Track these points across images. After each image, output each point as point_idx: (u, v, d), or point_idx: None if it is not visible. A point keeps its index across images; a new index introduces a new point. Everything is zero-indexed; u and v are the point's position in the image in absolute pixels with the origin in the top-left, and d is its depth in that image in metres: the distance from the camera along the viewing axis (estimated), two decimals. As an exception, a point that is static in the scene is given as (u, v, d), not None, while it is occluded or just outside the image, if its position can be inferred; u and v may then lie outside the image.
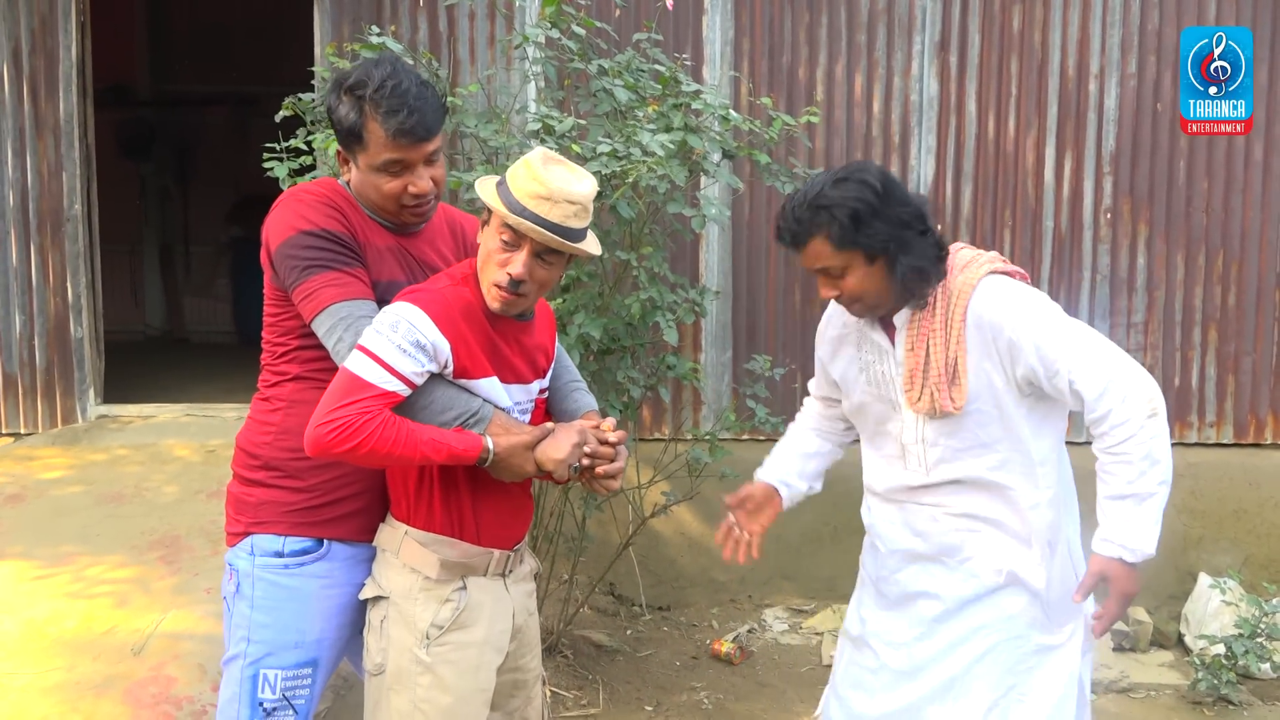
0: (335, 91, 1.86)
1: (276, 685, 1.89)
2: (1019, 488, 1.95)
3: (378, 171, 1.84)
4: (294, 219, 1.82)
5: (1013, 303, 1.91)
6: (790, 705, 3.47)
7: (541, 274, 1.79)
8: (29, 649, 2.85)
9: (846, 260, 1.90)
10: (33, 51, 4.21)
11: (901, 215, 1.89)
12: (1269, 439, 4.37)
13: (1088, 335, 1.89)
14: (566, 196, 1.75)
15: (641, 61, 3.11)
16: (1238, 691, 3.51)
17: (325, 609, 1.91)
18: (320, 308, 1.78)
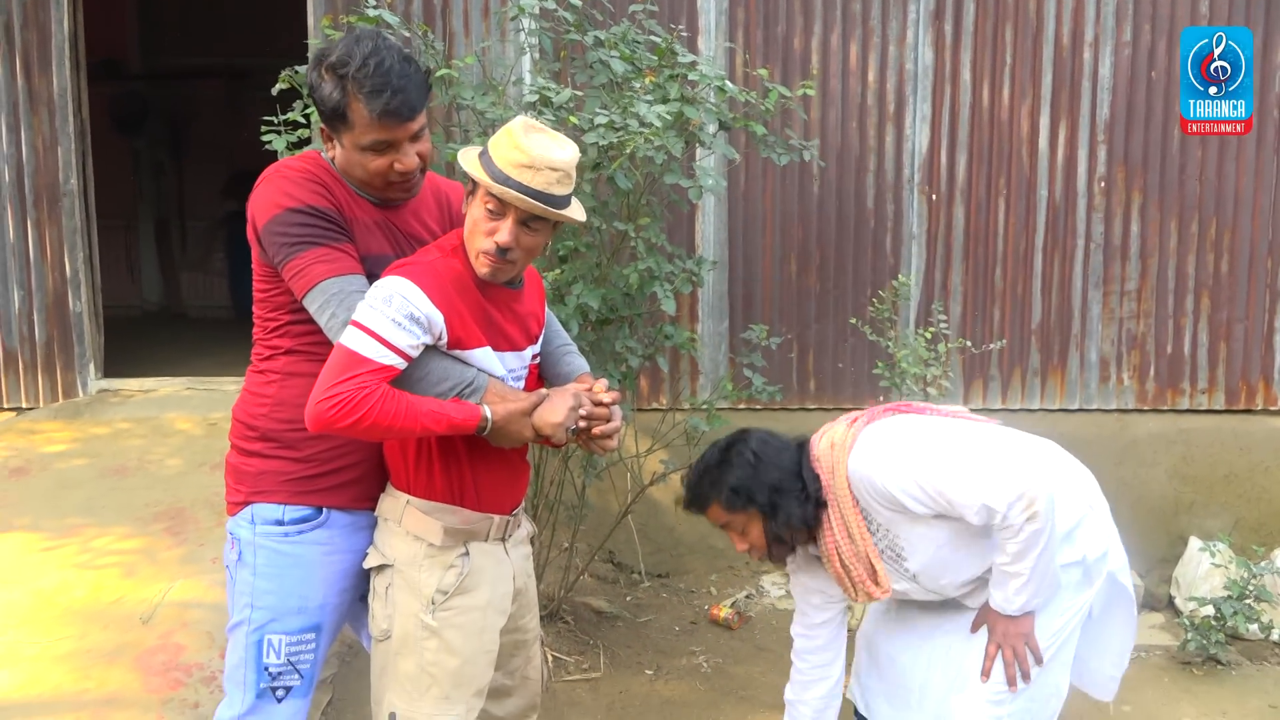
0: (316, 68, 1.84)
1: (281, 650, 1.94)
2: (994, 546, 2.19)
3: (363, 150, 1.84)
4: (279, 196, 1.83)
5: (876, 465, 2.12)
6: (787, 668, 3.52)
7: (527, 240, 1.82)
8: (39, 618, 2.90)
9: (741, 520, 2.18)
10: (25, 26, 4.19)
11: (773, 474, 2.15)
12: (1260, 405, 4.43)
13: (953, 465, 2.07)
14: (548, 164, 1.77)
15: (637, 33, 3.12)
16: (1226, 652, 3.58)
17: (326, 575, 1.95)
18: (311, 284, 1.80)
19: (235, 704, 1.96)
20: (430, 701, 1.90)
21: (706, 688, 3.38)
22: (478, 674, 1.93)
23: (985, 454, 2.09)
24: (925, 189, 4.30)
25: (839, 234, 4.32)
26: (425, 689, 1.90)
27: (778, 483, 2.14)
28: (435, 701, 1.90)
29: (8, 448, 3.85)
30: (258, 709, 1.94)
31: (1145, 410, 4.43)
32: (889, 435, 2.16)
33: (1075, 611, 2.25)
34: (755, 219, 4.31)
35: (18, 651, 2.77)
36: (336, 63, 1.80)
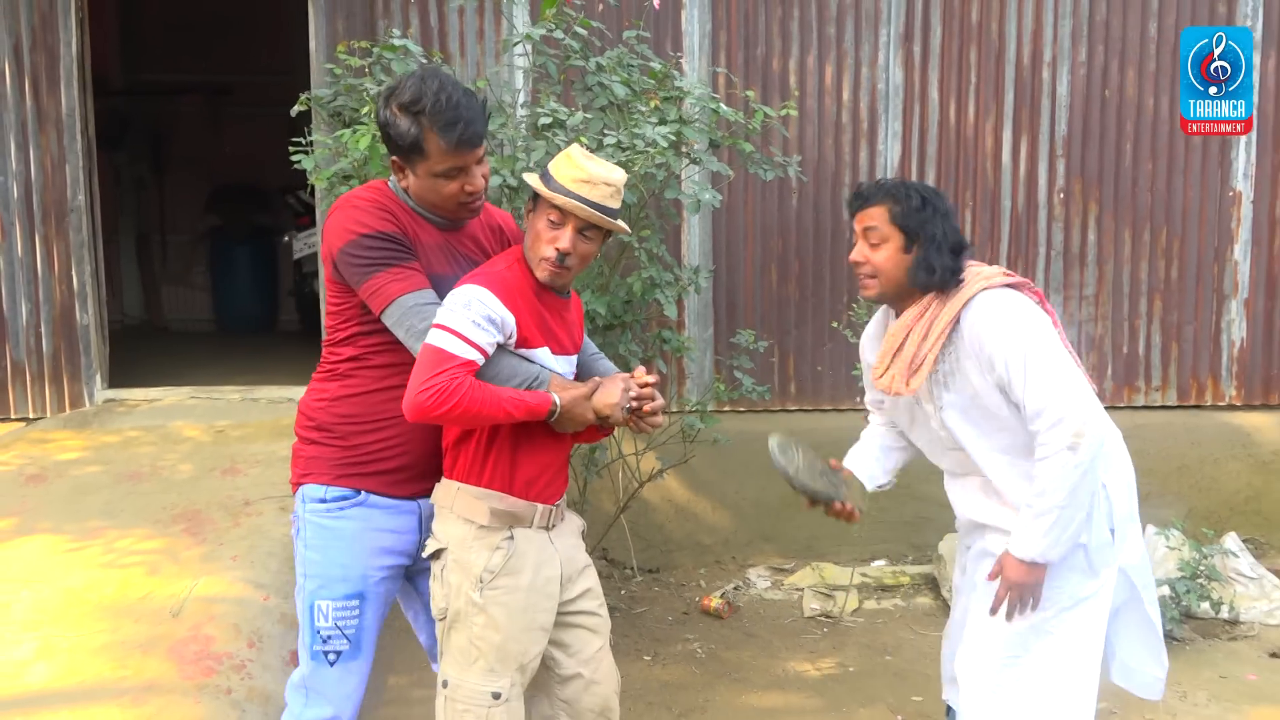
0: (387, 107, 2.04)
1: (329, 615, 2.16)
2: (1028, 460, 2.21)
3: (437, 177, 2.05)
4: (351, 224, 2.05)
5: (995, 320, 2.18)
6: (776, 652, 3.75)
7: (583, 248, 2.07)
8: (71, 614, 3.04)
9: (890, 234, 2.22)
10: (34, 48, 4.33)
11: (951, 232, 2.23)
12: (1209, 401, 4.73)
13: (1049, 363, 2.12)
14: (604, 180, 2.04)
15: (631, 58, 3.34)
16: (1181, 629, 3.85)
17: (364, 548, 2.17)
18: (388, 301, 2.02)
19: (304, 666, 2.19)
20: (477, 672, 2.09)
21: (701, 671, 3.59)
22: (520, 650, 2.12)
23: (1077, 381, 2.14)
24: (897, 201, 4.55)
25: (816, 245, 4.57)
26: (473, 660, 2.10)
27: (948, 235, 2.22)
28: (482, 673, 2.09)
29: (22, 456, 3.97)
30: (315, 672, 2.17)
31: (1105, 407, 4.70)
32: (1024, 310, 2.20)
33: (1087, 601, 2.27)
34: (738, 231, 4.55)
35: (54, 645, 2.91)
36: (410, 101, 2.00)
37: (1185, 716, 3.33)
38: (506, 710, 2.11)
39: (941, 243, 2.22)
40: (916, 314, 2.26)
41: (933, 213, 2.23)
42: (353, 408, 2.12)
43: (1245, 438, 4.67)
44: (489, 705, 2.10)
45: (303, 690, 2.20)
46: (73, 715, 2.68)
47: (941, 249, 2.22)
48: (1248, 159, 4.61)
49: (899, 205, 2.23)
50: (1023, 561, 2.17)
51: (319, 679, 2.16)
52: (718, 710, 3.32)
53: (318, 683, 2.16)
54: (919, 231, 2.22)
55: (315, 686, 2.18)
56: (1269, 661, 3.75)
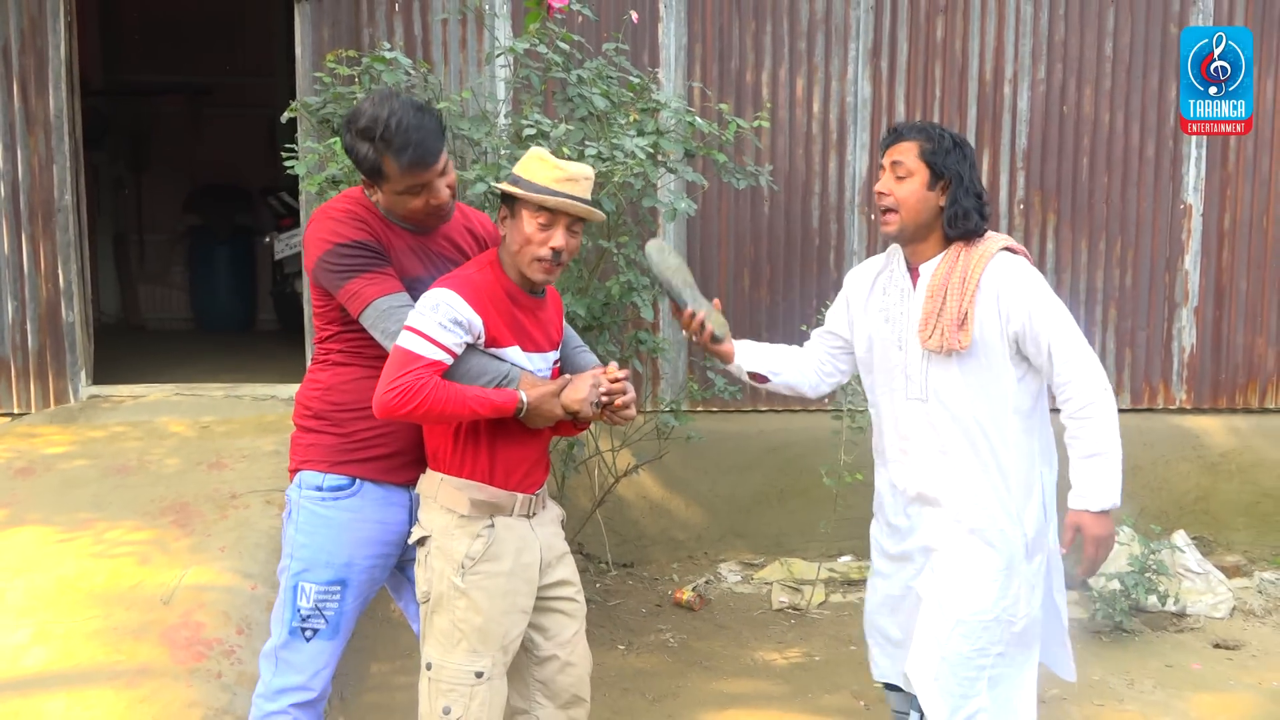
0: (349, 133, 2.18)
1: (311, 596, 2.29)
2: (1000, 427, 2.33)
3: (400, 195, 2.19)
4: (327, 234, 2.21)
5: (1021, 276, 2.32)
6: (746, 642, 3.90)
7: (573, 243, 2.21)
8: (64, 601, 3.14)
9: (917, 168, 2.31)
10: (23, 51, 4.41)
11: (975, 180, 2.33)
12: (1160, 404, 4.94)
13: (1070, 321, 2.31)
14: (584, 174, 2.19)
15: (610, 69, 3.48)
16: (1131, 621, 4.04)
17: (353, 538, 2.29)
18: (364, 305, 2.17)
19: (275, 635, 2.33)
20: (460, 653, 2.22)
21: (673, 660, 3.74)
22: (501, 632, 2.24)
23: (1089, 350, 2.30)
24: (865, 210, 4.74)
25: (787, 251, 4.74)
26: (456, 643, 2.22)
27: (973, 181, 2.30)
28: (465, 654, 2.22)
29: (10, 450, 4.05)
30: (289, 644, 2.30)
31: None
32: (1043, 279, 2.35)
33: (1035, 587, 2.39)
34: (712, 238, 4.70)
35: (49, 630, 3.01)
36: (365, 128, 2.14)
37: (1132, 703, 3.52)
38: (489, 688, 2.24)
39: (969, 186, 2.30)
40: (947, 269, 2.32)
41: (961, 157, 2.31)
42: (346, 395, 2.26)
43: (1195, 440, 4.89)
44: (472, 684, 2.22)
45: (273, 659, 2.32)
46: (69, 697, 2.78)
47: (969, 192, 2.30)
48: (1198, 174, 4.83)
49: (930, 143, 2.31)
50: (1102, 513, 2.25)
51: (292, 651, 2.30)
52: (689, 696, 3.47)
53: (290, 654, 2.30)
54: (945, 170, 2.29)
55: (287, 658, 2.31)
56: (1213, 652, 3.95)
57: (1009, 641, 2.38)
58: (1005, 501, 2.36)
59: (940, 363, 2.35)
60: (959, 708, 2.37)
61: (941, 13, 4.69)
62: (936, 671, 2.38)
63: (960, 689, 2.37)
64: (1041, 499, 2.42)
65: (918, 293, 2.39)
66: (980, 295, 2.30)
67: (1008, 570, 2.36)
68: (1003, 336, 2.31)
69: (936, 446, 2.39)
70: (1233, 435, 4.90)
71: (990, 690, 2.38)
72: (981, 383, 2.33)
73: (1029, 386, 2.37)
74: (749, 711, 3.35)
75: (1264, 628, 4.17)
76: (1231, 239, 4.88)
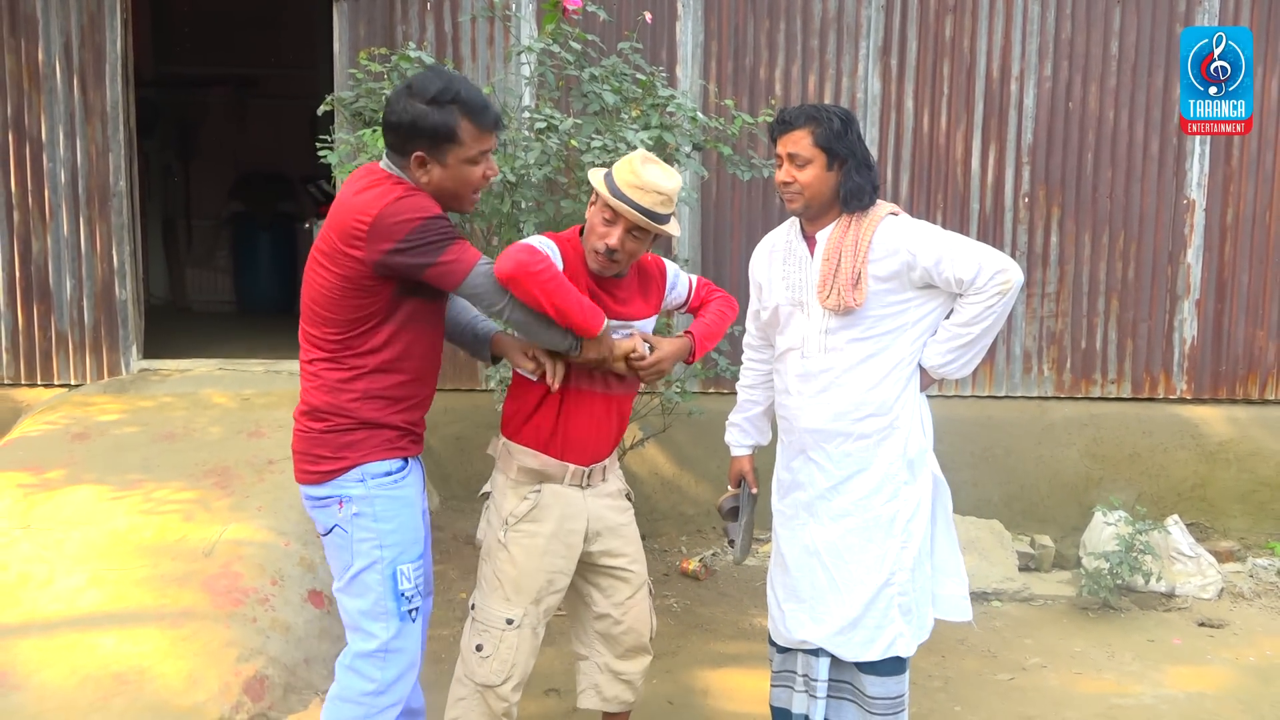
0: (416, 103, 2.13)
1: (411, 576, 2.31)
2: (884, 375, 2.61)
3: (468, 163, 2.20)
4: (413, 211, 2.14)
5: (909, 227, 2.60)
6: (746, 610, 4.13)
7: (631, 245, 2.38)
8: (116, 552, 3.45)
9: (814, 155, 2.52)
10: (82, 45, 4.73)
11: (864, 151, 2.58)
12: (1161, 394, 5.07)
13: (967, 240, 2.59)
14: (655, 188, 2.33)
15: (625, 67, 3.71)
16: (1118, 599, 4.21)
17: (419, 510, 2.40)
18: (469, 266, 2.18)
19: (380, 634, 2.30)
20: (496, 600, 2.47)
21: (676, 623, 3.97)
22: (534, 587, 2.46)
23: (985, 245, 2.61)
24: (872, 202, 4.91)
25: (797, 240, 4.93)
26: (494, 589, 2.47)
27: (865, 154, 2.54)
28: (500, 600, 2.46)
29: (68, 417, 4.38)
30: (402, 632, 2.31)
31: (1062, 398, 5.07)
32: (919, 220, 2.64)
33: (920, 504, 2.64)
34: (724, 226, 4.92)
35: (103, 576, 3.32)
36: (439, 92, 2.14)
37: (1109, 673, 3.70)
38: (517, 635, 2.46)
39: (861, 162, 2.54)
40: (840, 235, 2.57)
41: (851, 135, 2.52)
42: (391, 392, 2.27)
43: (1194, 429, 5.02)
44: (503, 629, 2.46)
45: (379, 659, 2.29)
46: (120, 634, 3.09)
47: (860, 168, 2.53)
48: (1201, 170, 4.95)
49: (821, 127, 2.50)
50: (928, 369, 2.63)
51: (403, 639, 2.32)
52: (687, 655, 3.71)
53: (402, 642, 2.32)
54: (841, 152, 2.51)
55: (400, 646, 2.31)
56: (1196, 630, 4.11)
57: (912, 557, 2.64)
58: (892, 441, 2.63)
59: (837, 319, 2.59)
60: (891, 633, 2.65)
61: (950, 12, 4.86)
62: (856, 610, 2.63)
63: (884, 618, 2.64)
64: (925, 423, 2.70)
65: (815, 259, 2.63)
66: (875, 253, 2.54)
67: (896, 500, 2.63)
68: (905, 286, 2.56)
69: (831, 394, 2.63)
70: (1232, 425, 5.02)
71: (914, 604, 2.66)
72: (868, 336, 2.58)
73: (911, 341, 2.63)
74: (743, 670, 3.58)
75: (1250, 609, 4.32)
76: (1234, 234, 5.00)
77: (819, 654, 2.69)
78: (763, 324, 2.82)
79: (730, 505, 2.92)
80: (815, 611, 2.68)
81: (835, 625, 2.66)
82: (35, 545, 3.45)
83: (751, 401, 2.93)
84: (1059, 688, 3.55)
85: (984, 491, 4.87)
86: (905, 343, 2.62)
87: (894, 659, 2.66)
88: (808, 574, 2.70)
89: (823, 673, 2.69)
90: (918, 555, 2.66)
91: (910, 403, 2.66)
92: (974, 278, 2.52)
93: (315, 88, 5.71)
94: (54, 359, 4.87)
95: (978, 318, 2.55)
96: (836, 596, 2.66)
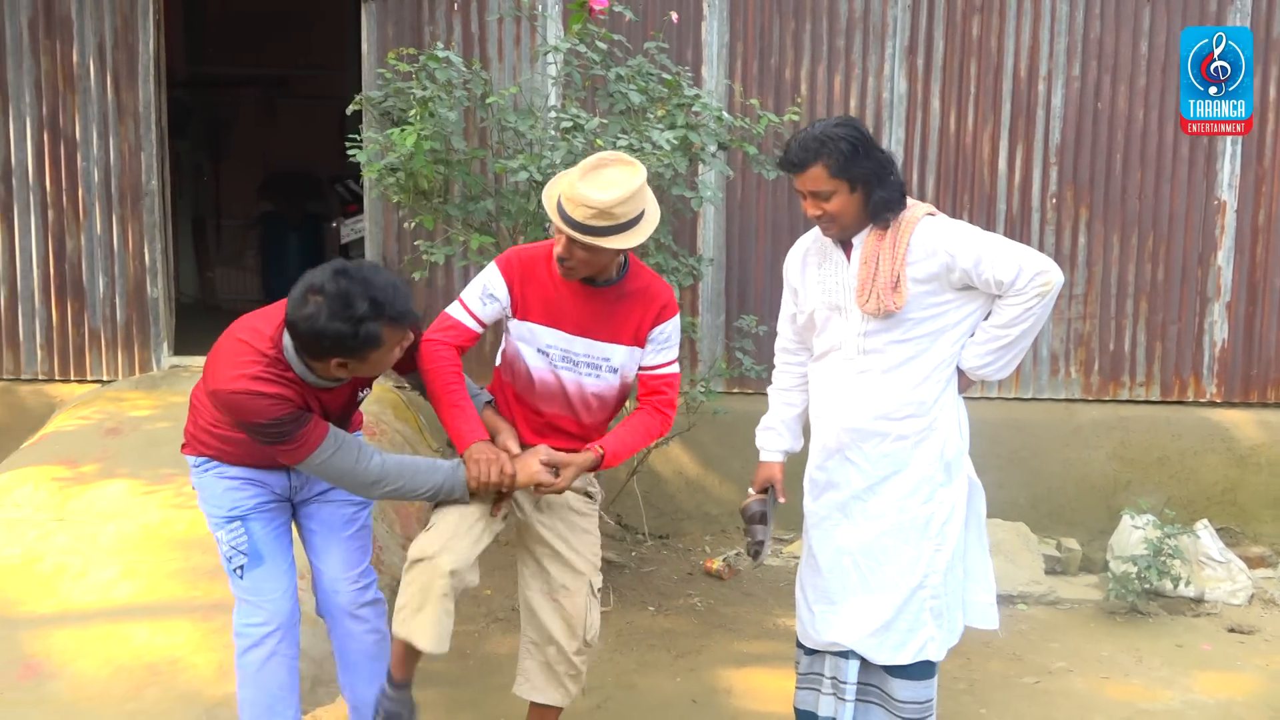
0: (333, 321, 2.17)
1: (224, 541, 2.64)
2: (924, 377, 2.61)
3: (387, 353, 2.29)
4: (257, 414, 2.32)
5: (947, 228, 2.59)
6: (770, 609, 4.13)
7: (580, 254, 2.38)
8: (149, 545, 3.50)
9: (835, 186, 2.50)
10: (115, 46, 4.81)
11: (880, 159, 2.55)
12: (1190, 397, 5.02)
13: (1001, 240, 2.59)
14: (584, 202, 2.30)
15: (651, 67, 3.73)
16: (1146, 604, 4.17)
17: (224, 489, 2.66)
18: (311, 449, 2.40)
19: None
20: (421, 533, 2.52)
21: (699, 622, 3.98)
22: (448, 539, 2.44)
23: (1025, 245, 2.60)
24: (898, 202, 4.90)
25: (822, 240, 4.92)
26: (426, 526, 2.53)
27: (881, 164, 2.51)
28: (424, 533, 2.50)
29: (101, 412, 4.45)
30: (232, 584, 2.63)
31: (1089, 400, 5.03)
32: (957, 221, 2.64)
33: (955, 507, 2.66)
34: (750, 227, 4.92)
35: (135, 569, 3.37)
36: (366, 313, 2.19)
37: (1138, 677, 3.67)
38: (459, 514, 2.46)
39: (881, 173, 2.51)
40: (876, 238, 2.56)
41: (863, 153, 2.49)
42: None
43: (1224, 433, 4.97)
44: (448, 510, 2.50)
45: (236, 605, 2.62)
46: (152, 625, 3.13)
47: (883, 180, 2.52)
48: (1233, 170, 4.90)
49: (833, 159, 2.47)
50: (966, 370, 2.63)
51: (237, 589, 2.60)
52: (711, 653, 3.71)
53: (238, 592, 2.60)
54: (860, 175, 2.49)
55: (239, 595, 2.60)
56: (1225, 635, 4.07)
57: (947, 560, 2.64)
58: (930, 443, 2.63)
59: (876, 322, 2.59)
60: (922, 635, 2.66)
61: (978, 11, 4.83)
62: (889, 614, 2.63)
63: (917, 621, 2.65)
64: (963, 427, 2.69)
65: (852, 263, 2.62)
66: (914, 256, 2.53)
67: (932, 502, 2.63)
68: (944, 288, 2.55)
69: (871, 394, 2.63)
70: (1263, 429, 4.96)
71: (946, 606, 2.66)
72: (909, 338, 2.58)
73: (952, 344, 2.62)
74: (766, 669, 3.58)
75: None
76: (1266, 235, 4.94)
77: (848, 656, 2.69)
78: (799, 328, 2.81)
79: (757, 509, 2.90)
80: (846, 613, 2.68)
81: (867, 627, 2.65)
82: (70, 537, 3.51)
83: (787, 405, 2.91)
84: (1085, 692, 3.53)
85: (1010, 494, 4.84)
86: (945, 344, 2.61)
87: (924, 663, 2.66)
88: (840, 575, 2.69)
89: (852, 675, 2.69)
90: (950, 559, 2.65)
91: (949, 405, 2.65)
92: (1014, 279, 2.51)
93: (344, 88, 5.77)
94: (87, 355, 4.94)
95: (1017, 319, 2.54)
96: (869, 598, 2.65)
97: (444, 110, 3.39)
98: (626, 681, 3.47)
